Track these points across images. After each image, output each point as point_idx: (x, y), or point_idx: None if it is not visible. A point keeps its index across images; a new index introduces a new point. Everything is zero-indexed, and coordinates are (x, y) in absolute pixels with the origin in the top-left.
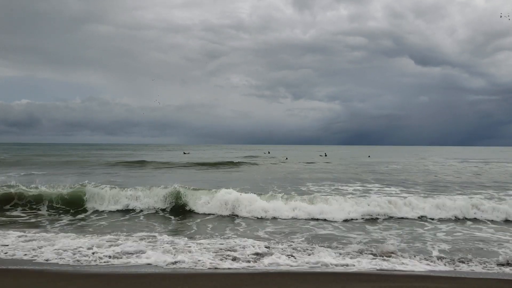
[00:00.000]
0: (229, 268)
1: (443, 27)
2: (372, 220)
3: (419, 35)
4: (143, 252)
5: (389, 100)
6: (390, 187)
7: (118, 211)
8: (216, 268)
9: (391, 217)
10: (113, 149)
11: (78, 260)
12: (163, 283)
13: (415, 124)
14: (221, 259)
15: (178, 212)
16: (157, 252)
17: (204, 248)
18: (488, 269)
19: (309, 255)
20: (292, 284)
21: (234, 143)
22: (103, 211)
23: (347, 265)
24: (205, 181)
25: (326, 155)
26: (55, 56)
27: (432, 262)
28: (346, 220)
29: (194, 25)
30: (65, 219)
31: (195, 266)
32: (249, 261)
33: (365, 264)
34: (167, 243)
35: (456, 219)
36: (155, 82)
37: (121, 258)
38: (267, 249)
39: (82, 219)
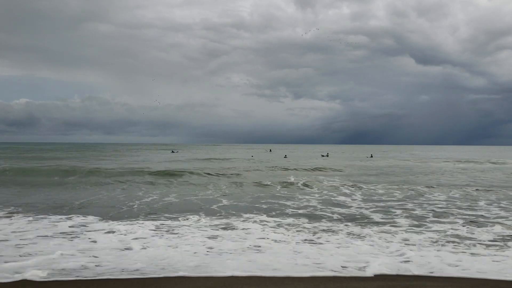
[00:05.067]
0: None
1: (445, 25)
2: None
3: (421, 34)
4: None
5: (390, 99)
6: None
7: None
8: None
9: None
10: (101, 149)
11: None
12: (161, 284)
13: (415, 123)
14: None
15: None
16: None
17: None
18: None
19: None
20: (290, 283)
21: (235, 142)
22: None
23: None
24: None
25: (327, 155)
26: (54, 55)
27: None
28: None
29: (195, 24)
30: None
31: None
32: None
33: None
34: None
35: None
36: (156, 81)
37: None
38: None
39: None
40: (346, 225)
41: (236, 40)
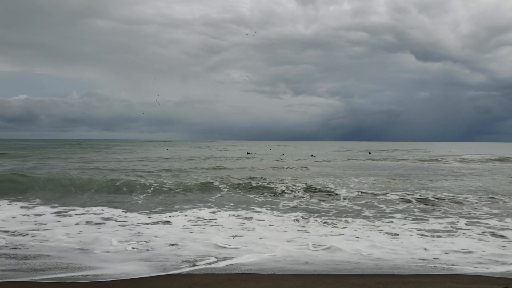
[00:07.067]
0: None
1: (446, 22)
2: None
3: (421, 30)
4: None
5: (389, 95)
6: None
7: None
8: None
9: None
10: (98, 147)
11: None
12: (159, 284)
13: (415, 120)
14: None
15: None
16: None
17: None
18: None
19: None
20: (290, 279)
21: (234, 139)
22: None
23: None
24: None
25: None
26: (53, 51)
27: None
28: None
29: (195, 20)
30: None
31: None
32: None
33: None
34: None
35: None
36: (155, 76)
37: None
38: None
39: None
40: (353, 220)
41: (236, 36)
